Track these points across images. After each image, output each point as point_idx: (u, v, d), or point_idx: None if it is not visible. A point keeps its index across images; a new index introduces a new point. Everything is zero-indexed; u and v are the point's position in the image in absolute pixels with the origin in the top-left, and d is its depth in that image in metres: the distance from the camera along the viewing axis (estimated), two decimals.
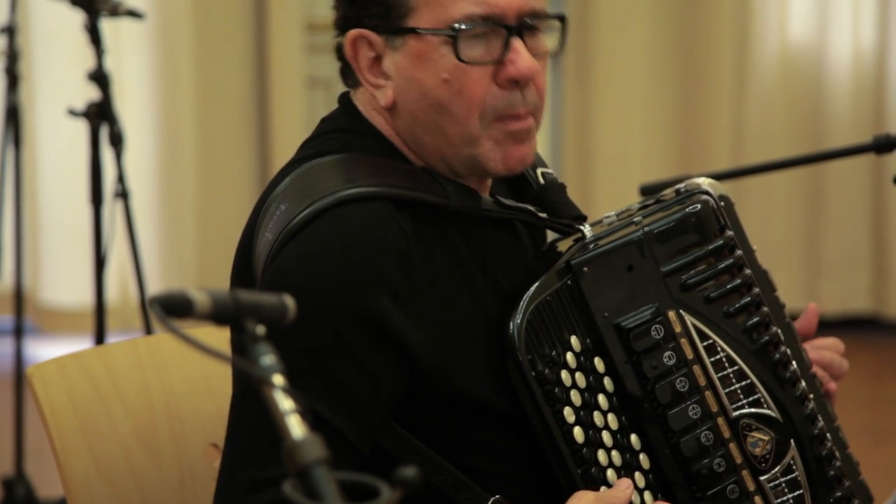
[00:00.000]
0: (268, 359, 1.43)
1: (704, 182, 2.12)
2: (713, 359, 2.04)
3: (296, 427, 1.39)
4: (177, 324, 1.41)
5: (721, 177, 2.69)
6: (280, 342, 1.46)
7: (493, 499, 1.96)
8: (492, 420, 1.98)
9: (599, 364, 2.02)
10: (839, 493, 2.12)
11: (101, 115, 4.14)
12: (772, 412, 2.06)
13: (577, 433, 1.97)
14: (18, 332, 4.62)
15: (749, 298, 2.07)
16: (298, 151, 2.05)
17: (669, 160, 6.82)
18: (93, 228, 4.18)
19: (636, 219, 2.07)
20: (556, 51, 2.04)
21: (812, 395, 2.12)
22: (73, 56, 6.14)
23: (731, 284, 2.06)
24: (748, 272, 2.08)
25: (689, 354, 2.03)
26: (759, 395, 2.05)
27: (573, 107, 6.85)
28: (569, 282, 2.02)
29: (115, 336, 4.81)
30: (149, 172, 6.54)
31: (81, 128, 4.27)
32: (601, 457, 1.99)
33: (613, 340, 2.02)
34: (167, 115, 6.56)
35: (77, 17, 4.24)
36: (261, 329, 1.45)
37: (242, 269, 2.01)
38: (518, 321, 1.96)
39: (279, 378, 1.42)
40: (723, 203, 2.09)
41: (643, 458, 2.03)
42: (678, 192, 2.11)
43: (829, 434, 2.13)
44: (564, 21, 2.05)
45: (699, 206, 2.06)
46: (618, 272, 2.03)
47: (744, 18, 6.75)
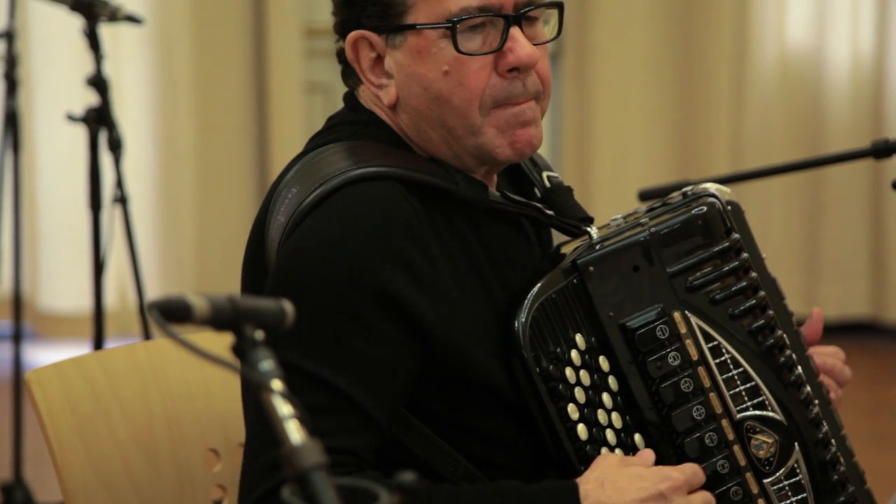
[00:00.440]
0: (266, 364, 1.43)
1: (711, 186, 2.13)
2: (718, 360, 2.05)
3: (294, 432, 1.39)
4: (175, 329, 1.41)
5: (720, 181, 2.69)
6: (299, 318, 1.47)
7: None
8: (500, 409, 1.98)
9: (604, 363, 2.03)
10: (843, 498, 2.12)
11: (100, 121, 4.14)
12: (776, 415, 2.06)
13: (581, 430, 1.98)
14: (17, 338, 4.62)
15: (754, 301, 2.08)
16: (307, 145, 2.06)
17: (668, 165, 6.82)
18: (91, 233, 4.18)
19: (642, 220, 2.08)
20: (555, 37, 2.06)
21: (818, 401, 2.12)
22: (72, 61, 6.14)
23: (737, 287, 2.07)
24: (754, 275, 2.09)
25: (694, 355, 2.04)
26: (764, 398, 2.06)
27: (572, 111, 6.85)
28: (574, 280, 2.03)
29: (114, 341, 4.81)
30: (147, 177, 6.54)
31: (80, 133, 4.27)
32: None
33: (618, 340, 2.03)
34: (166, 121, 6.56)
35: (76, 23, 4.24)
36: (259, 334, 1.45)
37: (254, 258, 2.02)
38: (523, 318, 1.96)
39: (278, 383, 1.42)
40: (730, 207, 2.10)
41: None
42: (685, 195, 2.12)
43: (835, 440, 2.13)
44: (562, 8, 2.07)
45: (706, 209, 2.07)
46: (624, 272, 2.04)
47: (742, 23, 6.75)
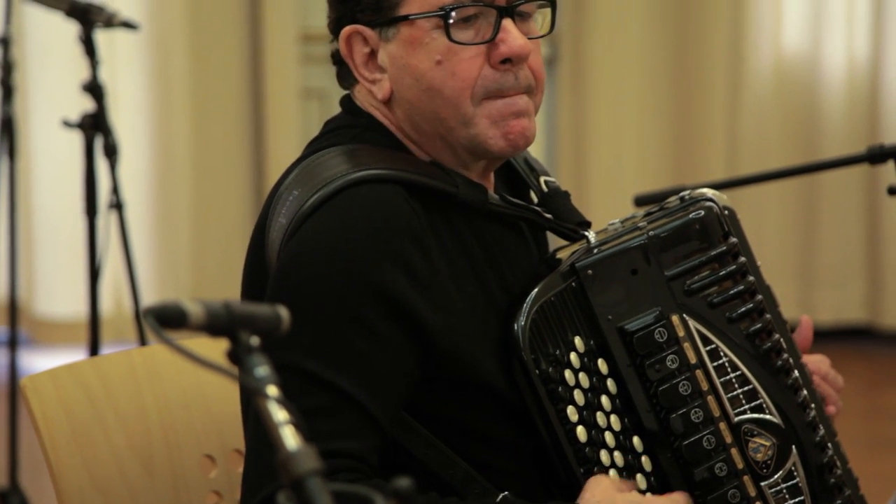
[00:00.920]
0: (262, 370, 1.43)
1: (708, 191, 2.14)
2: (716, 363, 2.05)
3: (290, 438, 1.39)
4: (171, 335, 1.41)
5: (715, 187, 2.69)
6: (301, 320, 1.46)
7: (502, 495, 1.96)
8: (500, 411, 1.99)
9: (603, 366, 2.04)
10: (839, 501, 2.13)
11: (96, 127, 4.14)
12: (774, 418, 2.06)
13: (581, 432, 1.98)
14: (13, 344, 4.62)
15: (752, 305, 2.08)
16: (306, 149, 2.07)
17: (664, 170, 6.83)
18: (87, 239, 4.18)
19: (641, 224, 2.09)
20: (547, 32, 2.06)
21: (814, 405, 2.13)
22: (68, 67, 6.13)
23: (735, 290, 2.08)
24: (751, 279, 2.09)
25: (692, 359, 2.05)
26: (762, 401, 2.06)
27: (568, 116, 6.86)
28: (573, 284, 2.03)
29: (110, 347, 4.81)
30: (143, 183, 6.54)
31: (76, 139, 4.27)
32: (603, 457, 2.00)
33: (617, 343, 2.03)
34: (162, 127, 6.56)
35: (72, 29, 4.23)
36: (255, 340, 1.44)
37: (255, 262, 2.02)
38: (522, 321, 1.97)
39: (273, 389, 1.42)
40: (727, 212, 2.11)
41: (645, 461, 2.04)
42: (682, 200, 2.12)
43: (831, 444, 2.13)
44: (554, 5, 2.07)
45: (703, 213, 2.08)
46: (622, 275, 2.05)
47: (738, 29, 6.76)
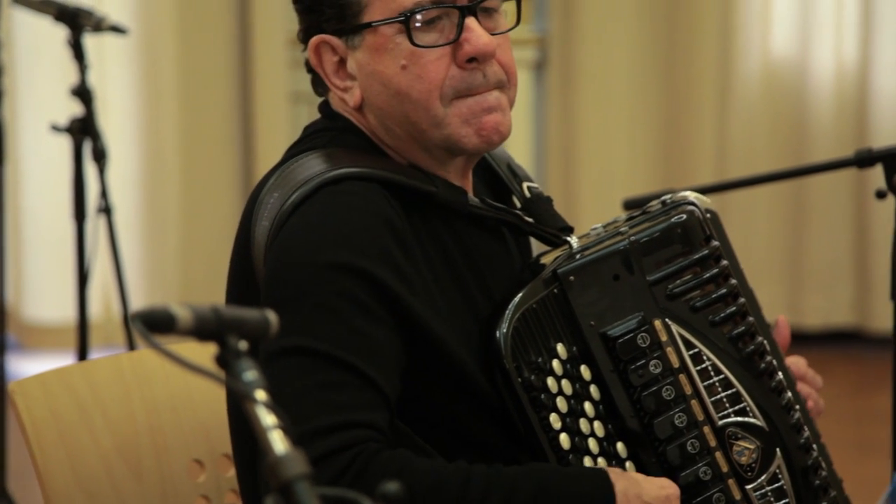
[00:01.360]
0: (250, 374, 1.43)
1: (691, 195, 2.14)
2: (699, 367, 2.05)
3: (278, 442, 1.39)
4: (159, 339, 1.41)
5: (704, 191, 2.69)
6: (302, 307, 1.45)
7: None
8: (484, 413, 1.98)
9: (586, 372, 2.03)
10: (825, 503, 2.13)
11: (85, 131, 4.14)
12: (758, 421, 2.07)
13: (564, 440, 1.98)
14: (1, 349, 4.61)
15: (734, 308, 2.08)
16: (285, 154, 2.07)
17: (653, 174, 6.83)
18: (76, 244, 4.18)
19: (622, 229, 2.09)
20: (514, 26, 2.05)
21: (798, 406, 2.13)
22: (57, 71, 6.13)
23: (717, 294, 2.07)
24: (734, 282, 2.09)
25: (675, 363, 2.04)
26: (745, 404, 2.06)
27: (557, 121, 6.86)
28: (555, 290, 2.03)
29: (99, 352, 4.80)
30: (132, 188, 6.53)
31: (65, 143, 4.27)
32: (587, 463, 2.00)
33: (600, 349, 2.03)
34: (150, 131, 6.55)
35: (60, 33, 4.23)
36: (243, 344, 1.44)
37: (240, 268, 2.02)
38: (504, 329, 1.97)
39: (262, 394, 1.42)
40: (709, 215, 2.11)
41: (629, 466, 2.03)
42: (664, 204, 2.12)
43: (815, 445, 2.14)
44: None
45: (685, 217, 2.08)
46: (604, 281, 2.04)
47: (727, 33, 6.77)
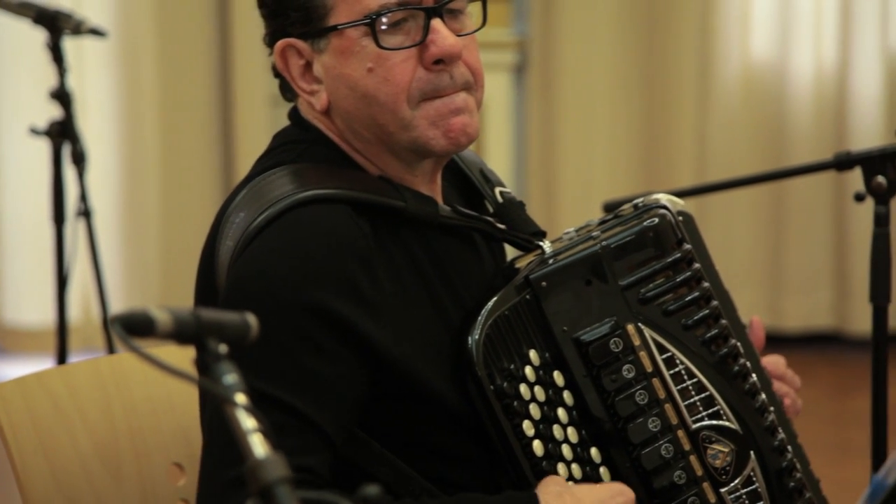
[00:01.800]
0: (230, 377, 1.43)
1: (663, 197, 2.14)
2: (672, 371, 2.05)
3: (258, 446, 1.39)
4: (139, 343, 1.40)
5: (684, 194, 2.70)
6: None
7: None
8: (454, 426, 1.98)
9: (559, 378, 2.03)
10: None
11: (64, 134, 4.13)
12: (731, 424, 2.07)
13: (537, 446, 1.98)
14: None
15: (707, 311, 2.08)
16: (254, 167, 2.07)
17: (633, 177, 6.84)
18: (55, 247, 4.17)
19: (594, 233, 2.09)
20: (480, 27, 2.05)
21: (773, 408, 2.13)
22: (36, 74, 6.11)
23: (690, 297, 2.07)
24: (706, 285, 2.09)
25: (649, 367, 2.05)
26: (719, 408, 2.06)
27: (537, 124, 6.87)
28: (527, 296, 2.03)
29: (78, 355, 4.79)
30: (112, 191, 6.52)
31: (44, 146, 4.26)
32: (561, 470, 2.00)
33: (572, 354, 2.03)
34: (130, 134, 6.54)
35: (39, 36, 4.22)
36: (223, 348, 1.44)
37: (205, 283, 2.02)
38: (476, 336, 1.97)
39: (241, 397, 1.41)
40: (681, 218, 2.11)
41: (603, 472, 2.04)
42: (636, 207, 2.12)
43: (790, 447, 2.14)
44: None
45: (657, 220, 2.07)
46: (576, 286, 2.04)
47: (706, 36, 6.78)
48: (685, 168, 6.80)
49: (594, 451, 2.03)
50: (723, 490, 2.06)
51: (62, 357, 4.21)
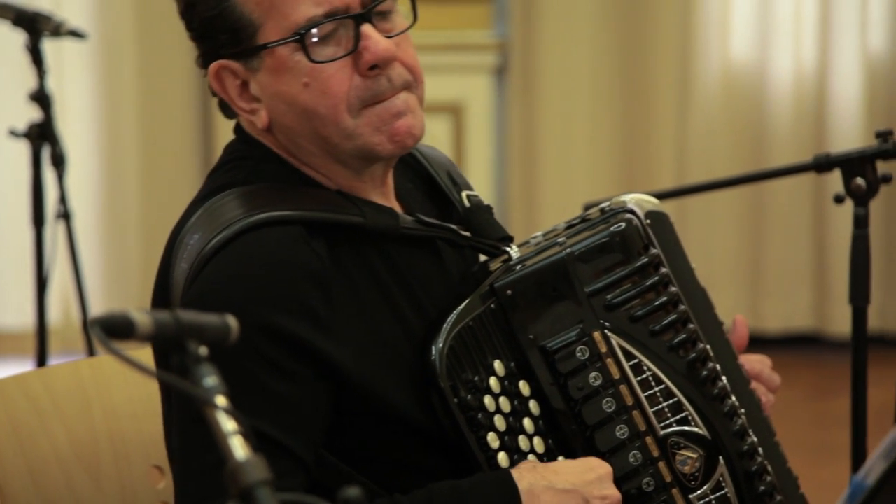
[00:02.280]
0: (210, 380, 1.43)
1: (631, 200, 2.12)
2: (639, 378, 2.04)
3: (239, 448, 1.38)
4: (118, 345, 1.40)
5: (664, 195, 2.70)
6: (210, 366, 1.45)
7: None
8: (418, 441, 1.97)
9: (525, 387, 2.02)
10: None
11: (43, 136, 4.12)
12: (700, 429, 2.06)
13: (502, 458, 1.96)
14: None
15: (675, 316, 2.07)
16: (205, 183, 2.05)
17: (614, 179, 6.85)
18: (34, 250, 4.16)
19: (560, 239, 2.07)
20: (412, 23, 2.03)
21: (744, 410, 2.12)
22: (15, 76, 6.10)
23: (657, 302, 2.06)
24: (674, 289, 2.08)
25: (616, 374, 2.03)
26: (687, 413, 2.05)
27: (518, 126, 6.88)
28: (492, 305, 2.01)
29: (58, 358, 4.78)
30: (92, 193, 6.50)
31: (23, 148, 4.25)
32: None
33: (539, 363, 2.02)
34: (110, 136, 6.53)
35: (18, 38, 4.21)
36: (203, 350, 1.44)
37: (160, 304, 2.01)
38: (439, 348, 1.95)
39: (222, 399, 1.41)
40: (649, 221, 2.09)
41: None
42: (603, 211, 2.11)
43: (763, 449, 2.13)
44: None
45: (623, 225, 2.06)
46: (542, 294, 2.03)
47: (686, 38, 6.80)
48: (665, 170, 6.82)
49: (561, 460, 2.01)
50: (692, 496, 2.05)
51: (42, 359, 4.20)
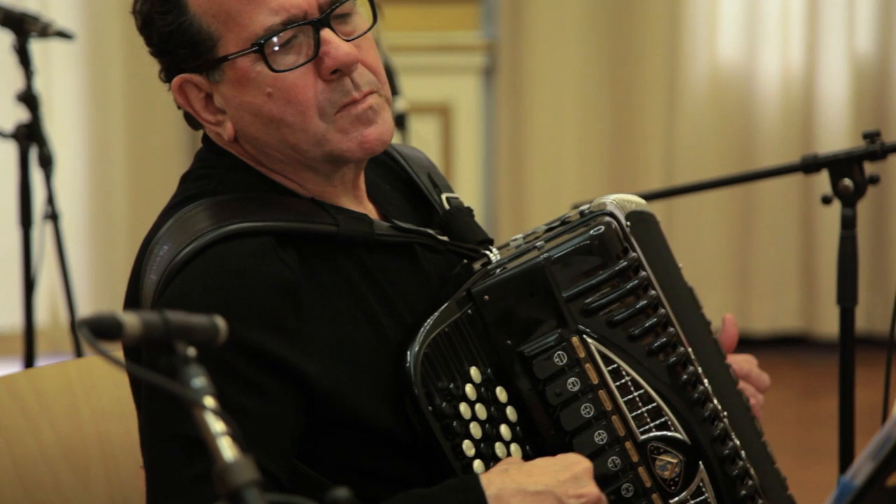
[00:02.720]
0: (199, 381, 1.42)
1: (612, 201, 2.10)
2: (618, 383, 2.02)
3: (227, 449, 1.38)
4: (106, 346, 1.40)
5: (652, 196, 2.69)
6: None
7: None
8: (396, 450, 1.96)
9: (502, 394, 2.01)
10: None
11: (31, 137, 4.12)
12: (679, 434, 2.04)
13: (478, 466, 1.95)
14: None
15: (655, 319, 2.05)
16: (177, 190, 2.04)
17: (602, 179, 6.86)
18: (22, 251, 4.15)
19: (538, 243, 2.05)
20: (372, 24, 2.01)
21: (727, 413, 2.10)
22: (2, 77, 6.08)
23: (637, 306, 2.04)
24: (653, 293, 2.06)
25: (594, 379, 2.01)
26: (666, 418, 2.03)
27: (506, 127, 6.88)
28: (469, 311, 2.00)
29: (46, 359, 4.77)
30: (79, 194, 6.49)
31: (10, 149, 4.24)
32: None
33: (516, 368, 2.01)
34: (98, 137, 6.52)
35: (6, 38, 4.20)
36: (191, 351, 1.44)
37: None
38: (413, 356, 1.94)
39: (210, 400, 1.41)
40: (629, 223, 2.08)
41: None
42: (582, 214, 2.09)
43: (747, 451, 2.11)
44: None
45: (602, 229, 2.04)
46: (519, 299, 2.01)
47: (674, 39, 6.81)
48: (653, 170, 6.82)
49: (539, 460, 1.98)
50: (672, 501, 2.03)
51: (30, 360, 4.19)
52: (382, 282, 2.01)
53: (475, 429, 1.96)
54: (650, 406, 2.03)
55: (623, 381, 2.02)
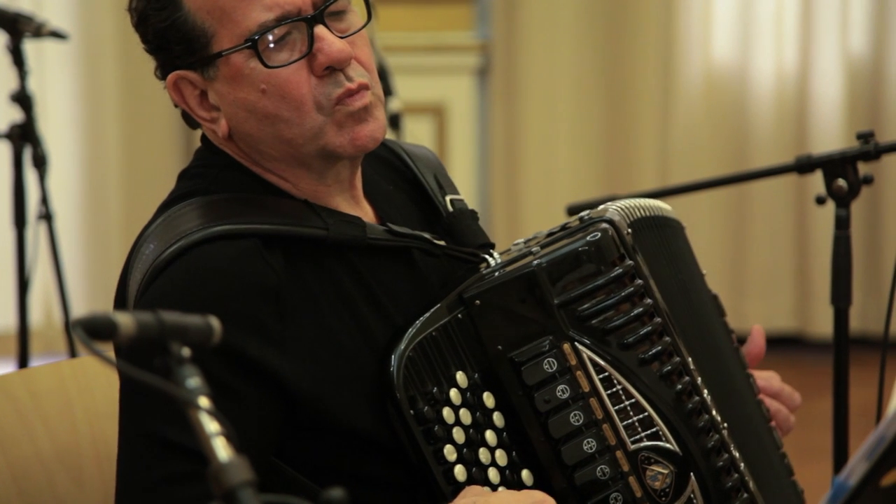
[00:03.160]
0: (193, 381, 1.42)
1: (616, 207, 2.09)
2: (610, 391, 2.00)
3: (221, 449, 1.38)
4: (101, 346, 1.40)
5: (646, 196, 2.69)
6: (152, 385, 1.42)
7: None
8: (378, 453, 1.95)
9: (489, 399, 1.99)
10: None
11: (25, 137, 4.11)
12: (670, 445, 2.02)
13: (459, 471, 1.93)
14: None
15: (650, 328, 2.03)
16: (174, 187, 2.04)
17: (596, 180, 6.86)
18: (16, 251, 4.15)
19: (535, 248, 2.04)
20: (366, 22, 2.01)
21: (726, 425, 2.09)
22: None
23: (633, 314, 2.02)
24: (649, 301, 2.03)
25: (585, 387, 1.99)
26: (658, 428, 2.01)
27: (500, 127, 6.88)
28: (459, 315, 1.99)
29: (40, 359, 4.76)
30: (73, 194, 6.49)
31: (4, 149, 4.24)
32: None
33: (505, 374, 1.99)
34: (92, 137, 6.51)
35: None
36: (186, 351, 1.44)
37: (119, 309, 2.00)
38: (398, 357, 1.93)
39: (205, 400, 1.41)
40: (630, 230, 2.06)
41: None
42: (582, 220, 2.07)
43: (749, 464, 2.10)
44: None
45: (598, 235, 2.02)
46: (511, 304, 2.00)
47: (668, 40, 6.81)
48: (647, 170, 6.83)
49: (525, 474, 1.99)
50: None
51: (24, 361, 4.19)
52: (373, 285, 2.00)
53: (458, 434, 1.95)
54: (642, 415, 2.01)
55: (615, 390, 2.00)
